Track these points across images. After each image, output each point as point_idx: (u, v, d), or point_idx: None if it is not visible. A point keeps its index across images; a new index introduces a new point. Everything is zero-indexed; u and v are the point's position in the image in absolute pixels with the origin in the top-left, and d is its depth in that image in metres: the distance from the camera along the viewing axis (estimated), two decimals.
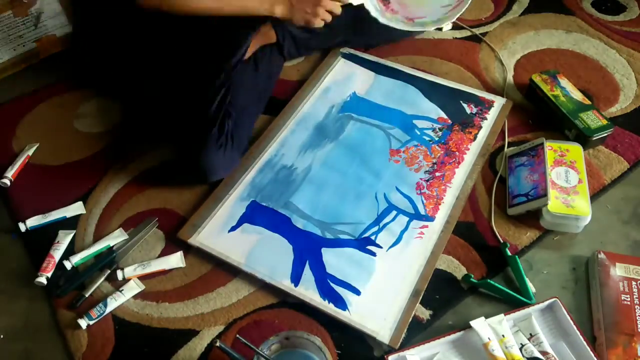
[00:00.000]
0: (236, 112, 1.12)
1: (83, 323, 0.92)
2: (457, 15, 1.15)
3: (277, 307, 0.95)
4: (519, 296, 0.93)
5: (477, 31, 1.45)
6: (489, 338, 0.85)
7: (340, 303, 0.94)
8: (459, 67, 1.36)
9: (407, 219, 1.05)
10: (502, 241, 1.02)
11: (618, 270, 0.94)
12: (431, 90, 1.28)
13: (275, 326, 0.93)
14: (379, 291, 0.96)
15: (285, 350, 0.81)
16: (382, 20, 1.15)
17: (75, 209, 1.09)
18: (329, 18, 1.11)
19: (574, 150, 1.11)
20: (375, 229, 1.04)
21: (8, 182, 1.13)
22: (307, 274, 0.98)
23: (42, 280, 0.97)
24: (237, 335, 0.78)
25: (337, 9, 1.10)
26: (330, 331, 0.92)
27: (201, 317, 0.95)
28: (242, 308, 0.96)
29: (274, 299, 0.96)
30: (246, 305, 0.96)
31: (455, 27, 1.46)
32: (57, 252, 1.01)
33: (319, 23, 1.11)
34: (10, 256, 1.04)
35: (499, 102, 1.25)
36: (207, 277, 1.00)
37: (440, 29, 1.45)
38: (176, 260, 1.01)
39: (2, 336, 0.94)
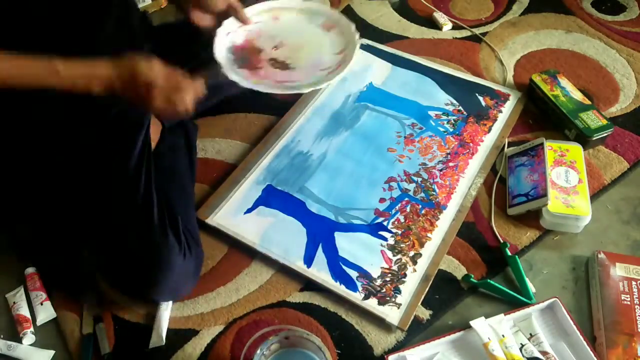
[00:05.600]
0: (179, 202, 0.97)
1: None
2: (336, 78, 0.99)
3: (277, 307, 0.95)
4: (519, 296, 0.93)
5: (477, 31, 1.45)
6: (489, 338, 0.85)
7: (351, 285, 0.96)
8: (459, 67, 1.35)
9: (419, 206, 1.06)
10: (502, 241, 1.02)
11: (618, 270, 0.94)
12: (447, 83, 1.30)
13: (275, 326, 0.93)
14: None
15: (285, 350, 0.81)
16: (245, 84, 0.96)
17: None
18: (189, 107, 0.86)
19: (574, 150, 1.11)
20: (388, 215, 1.05)
21: None
22: (320, 256, 1.00)
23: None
24: None
25: (199, 90, 0.87)
26: (330, 331, 0.92)
27: (201, 317, 0.95)
28: (242, 308, 0.95)
29: (274, 299, 0.96)
30: (246, 305, 0.96)
31: (455, 27, 1.46)
32: None
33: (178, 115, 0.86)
34: None
35: (514, 95, 1.27)
36: (207, 277, 1.00)
37: (439, 29, 1.45)
38: None
39: (2, 336, 0.94)
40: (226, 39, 1.01)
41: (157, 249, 0.88)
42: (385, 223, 1.04)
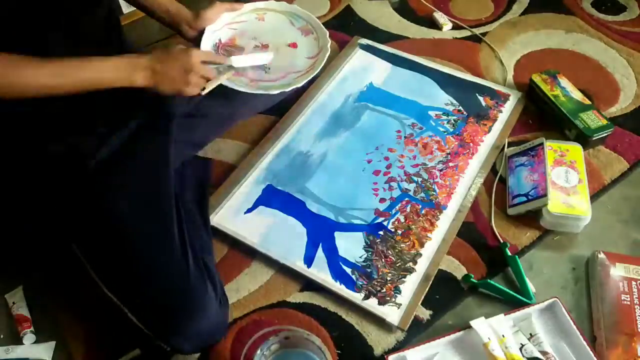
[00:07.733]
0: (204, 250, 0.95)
1: None
2: (304, 82, 1.01)
3: (277, 307, 0.95)
4: (519, 296, 0.93)
5: (477, 31, 1.45)
6: (489, 338, 0.85)
7: (351, 285, 0.96)
8: (459, 67, 1.35)
9: (419, 206, 1.06)
10: (502, 241, 1.02)
11: (618, 270, 0.95)
12: (447, 82, 1.30)
13: (275, 326, 0.93)
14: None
15: (285, 350, 0.81)
16: (222, 81, 0.98)
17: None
18: (202, 84, 0.91)
19: (574, 150, 1.11)
20: (388, 215, 1.05)
21: None
22: (320, 256, 1.00)
23: None
24: None
25: (212, 73, 0.93)
26: (330, 331, 0.92)
27: None
28: (242, 308, 0.96)
29: (274, 299, 0.96)
30: (246, 305, 0.96)
31: (455, 27, 1.46)
32: None
33: (191, 92, 0.90)
34: None
35: (514, 95, 1.27)
36: None
37: (439, 29, 1.45)
38: None
39: (2, 336, 0.94)
40: (213, 35, 1.04)
41: (193, 294, 0.84)
42: (385, 223, 1.04)
